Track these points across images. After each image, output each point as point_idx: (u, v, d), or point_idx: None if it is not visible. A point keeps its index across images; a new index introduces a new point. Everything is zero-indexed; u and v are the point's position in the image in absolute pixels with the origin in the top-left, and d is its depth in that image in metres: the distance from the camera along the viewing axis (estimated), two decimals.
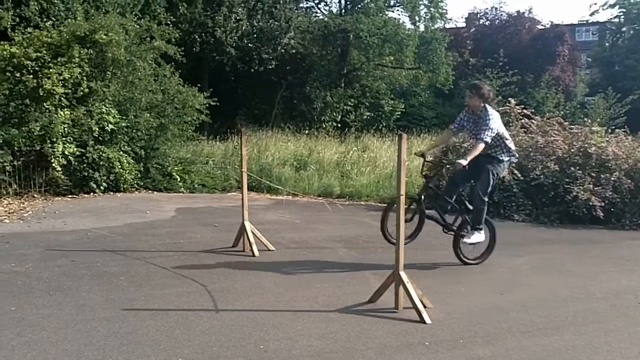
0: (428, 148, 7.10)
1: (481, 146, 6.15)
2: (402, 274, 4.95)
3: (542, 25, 39.25)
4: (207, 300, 5.19)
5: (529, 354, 4.23)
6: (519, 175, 9.94)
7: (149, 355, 3.98)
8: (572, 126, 10.90)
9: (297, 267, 6.46)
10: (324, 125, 25.60)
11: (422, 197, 6.53)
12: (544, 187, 9.95)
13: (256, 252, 6.86)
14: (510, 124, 11.17)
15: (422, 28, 32.02)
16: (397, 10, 33.15)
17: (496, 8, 39.86)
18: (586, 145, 10.14)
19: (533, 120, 11.10)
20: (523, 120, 11.10)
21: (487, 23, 39.32)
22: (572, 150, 10.20)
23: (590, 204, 9.46)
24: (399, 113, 29.71)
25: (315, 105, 26.80)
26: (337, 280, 6.00)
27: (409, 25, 31.27)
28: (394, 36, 28.16)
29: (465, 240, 6.59)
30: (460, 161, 6.15)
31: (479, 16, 40.21)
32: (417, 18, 31.67)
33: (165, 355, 3.99)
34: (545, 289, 5.92)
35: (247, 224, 7.04)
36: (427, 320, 4.74)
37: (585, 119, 12.60)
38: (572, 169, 9.82)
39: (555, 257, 7.43)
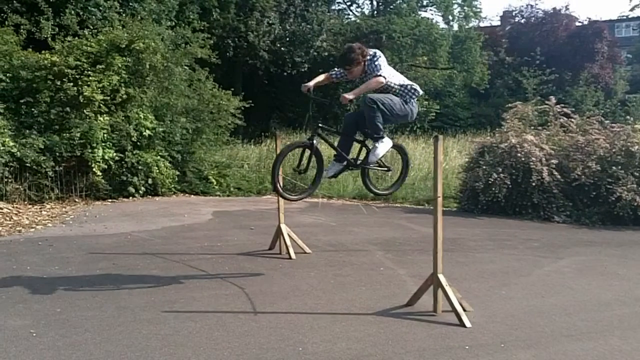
0: (314, 83, 6.07)
1: (377, 80, 5.53)
2: (441, 277, 4.89)
3: (579, 22, 38.46)
4: (245, 303, 5.22)
5: (572, 358, 4.13)
6: (559, 175, 9.76)
7: (189, 357, 4.02)
8: (614, 125, 10.65)
9: (334, 270, 6.45)
10: None
11: (314, 141, 5.80)
12: (585, 188, 9.75)
13: (293, 255, 6.88)
14: (549, 123, 11.00)
15: (455, 27, 31.76)
16: (430, 10, 32.94)
17: (532, 5, 39.18)
18: (628, 144, 9.89)
19: (572, 119, 10.91)
20: (562, 119, 10.90)
21: (522, 21, 38.72)
22: (614, 149, 9.97)
23: (635, 204, 9.23)
24: (434, 114, 29.42)
25: (349, 107, 26.68)
26: (374, 283, 5.97)
27: (442, 24, 31.06)
28: (427, 36, 27.94)
29: (372, 158, 5.92)
30: (345, 95, 5.49)
31: (514, 14, 39.62)
32: (450, 17, 31.43)
33: (205, 357, 4.03)
34: (589, 292, 5.79)
35: (284, 227, 7.06)
36: (467, 323, 4.67)
37: (627, 117, 12.32)
38: (614, 168, 9.60)
39: (598, 259, 7.25)
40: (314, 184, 6.13)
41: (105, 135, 11.19)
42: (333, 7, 32.04)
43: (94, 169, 10.97)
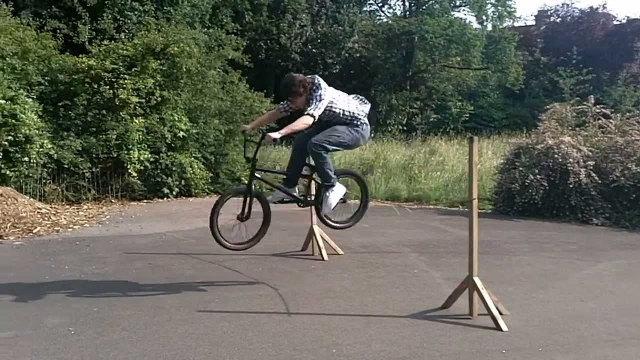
0: (252, 125, 5.98)
1: (306, 119, 5.27)
2: (476, 280, 4.82)
3: (617, 20, 37.61)
4: (278, 303, 5.23)
5: None
6: (597, 177, 9.56)
7: (224, 357, 4.04)
8: None
9: (367, 272, 6.41)
10: (389, 129, 25.43)
11: (252, 185, 5.56)
12: (625, 190, 9.52)
13: (325, 256, 6.87)
14: (587, 124, 10.77)
15: (489, 27, 31.35)
16: (463, 10, 32.62)
17: (567, 4, 38.42)
18: None
19: (611, 120, 10.65)
20: (600, 120, 10.66)
21: (558, 20, 38.00)
22: None
23: None
24: (467, 115, 29.12)
25: (380, 108, 26.65)
26: (408, 285, 5.92)
27: (475, 25, 30.71)
28: (461, 36, 27.67)
29: (324, 211, 5.71)
30: (271, 134, 5.19)
31: (549, 13, 38.92)
32: (484, 17, 31.04)
33: (239, 357, 4.04)
34: (629, 296, 5.64)
35: (316, 228, 7.05)
36: (504, 327, 4.59)
37: None
38: None
39: (639, 263, 7.07)
40: (258, 235, 5.72)
41: (140, 137, 11.37)
42: (364, 9, 32.01)
43: (129, 170, 11.15)
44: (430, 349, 4.24)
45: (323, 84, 5.48)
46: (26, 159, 9.84)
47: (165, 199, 11.61)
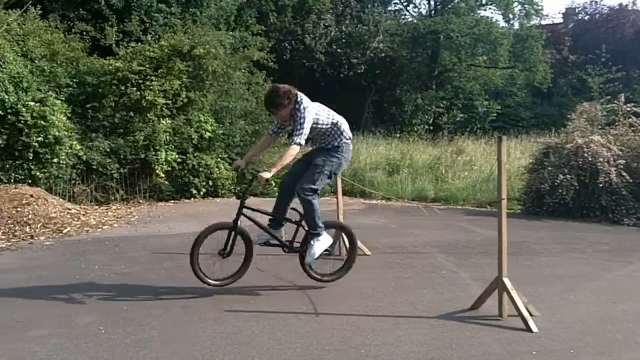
0: (246, 159, 5.75)
1: (293, 150, 5.13)
2: (506, 281, 4.76)
3: None
4: (306, 304, 5.23)
5: None
6: (628, 177, 9.38)
7: (253, 357, 4.05)
8: None
9: (394, 273, 6.38)
10: (415, 128, 25.26)
11: (239, 222, 5.36)
12: None
13: None
14: (617, 123, 10.58)
15: (516, 26, 30.97)
16: (490, 8, 32.26)
17: (596, 2, 37.76)
18: None
19: None
20: (631, 119, 10.46)
21: (586, 18, 37.40)
22: None
23: None
24: (495, 114, 28.78)
25: (406, 108, 26.52)
26: (436, 286, 5.87)
27: (502, 23, 30.36)
28: (487, 35, 27.36)
29: (308, 260, 5.46)
30: (263, 174, 5.11)
31: (577, 11, 38.32)
32: (510, 15, 30.68)
33: (268, 357, 4.05)
34: None
35: None
36: (534, 328, 4.53)
37: None
38: None
39: None
40: (240, 271, 5.50)
41: (167, 138, 11.49)
42: (389, 8, 31.88)
43: (156, 171, 11.27)
44: (459, 350, 4.20)
45: (305, 101, 5.30)
46: (56, 160, 10.00)
47: (192, 199, 11.70)
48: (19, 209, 8.61)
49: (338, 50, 24.98)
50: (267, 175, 5.09)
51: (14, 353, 4.12)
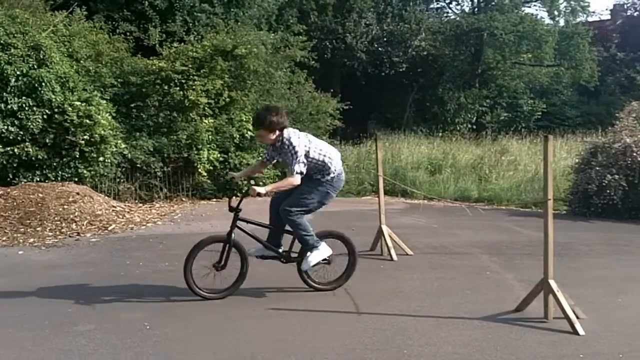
0: (241, 175, 6.07)
1: (291, 181, 5.10)
2: (552, 283, 4.64)
3: None
4: (348, 303, 5.21)
5: None
6: None
7: (296, 354, 4.05)
8: None
9: (437, 273, 6.30)
10: (458, 128, 24.97)
11: (233, 234, 5.27)
12: None
13: (394, 257, 6.79)
14: None
15: (562, 23, 30.25)
16: (535, 5, 31.61)
17: None
18: None
19: None
20: None
21: (635, 14, 36.34)
22: None
23: None
24: (540, 113, 28.17)
25: (449, 107, 26.19)
26: (480, 287, 5.77)
27: (547, 20, 29.69)
28: (532, 32, 26.79)
29: (304, 267, 5.38)
30: (256, 187, 5.03)
31: (625, 7, 37.26)
32: (556, 12, 29.97)
33: (310, 355, 4.04)
34: None
35: (385, 228, 6.99)
36: (581, 331, 4.40)
37: None
38: None
39: None
40: (235, 285, 5.34)
41: (209, 137, 11.61)
42: (432, 6, 31.51)
43: (199, 170, 11.41)
44: (504, 352, 4.11)
45: (293, 133, 5.20)
46: (101, 158, 10.22)
47: (233, 198, 11.78)
48: (65, 207, 8.82)
49: (379, 48, 24.85)
50: (260, 189, 5.01)
51: (62, 347, 4.22)
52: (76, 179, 9.99)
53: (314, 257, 5.31)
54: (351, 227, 8.85)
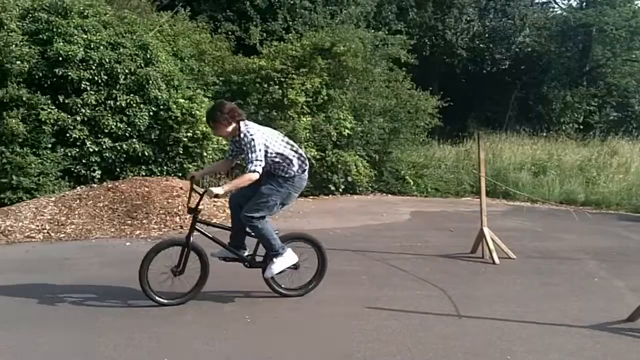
0: (201, 173, 5.79)
1: (250, 177, 4.81)
2: None
3: None
4: (447, 305, 5.11)
5: None
6: None
7: (394, 355, 4.03)
8: None
9: (541, 278, 6.06)
10: (563, 127, 23.84)
11: (191, 238, 5.01)
12: None
13: (496, 260, 6.59)
14: None
15: None
16: None
17: None
18: None
19: None
20: None
21: None
22: None
23: None
24: None
25: (554, 106, 25.06)
26: (587, 294, 5.51)
27: None
28: None
29: (267, 275, 5.15)
30: (213, 189, 4.79)
31: None
32: None
33: (410, 356, 4.01)
34: None
35: (487, 230, 6.79)
36: None
37: None
38: None
39: None
40: (194, 290, 5.11)
41: (307, 135, 11.73)
42: (536, 1, 30.29)
43: None
44: None
45: (252, 129, 4.99)
46: (204, 154, 10.57)
47: (330, 195, 11.88)
48: (169, 200, 9.18)
49: (481, 45, 24.23)
50: (217, 190, 4.81)
51: (165, 335, 4.40)
52: (180, 174, 10.39)
53: (277, 266, 5.11)
54: (450, 228, 8.71)
